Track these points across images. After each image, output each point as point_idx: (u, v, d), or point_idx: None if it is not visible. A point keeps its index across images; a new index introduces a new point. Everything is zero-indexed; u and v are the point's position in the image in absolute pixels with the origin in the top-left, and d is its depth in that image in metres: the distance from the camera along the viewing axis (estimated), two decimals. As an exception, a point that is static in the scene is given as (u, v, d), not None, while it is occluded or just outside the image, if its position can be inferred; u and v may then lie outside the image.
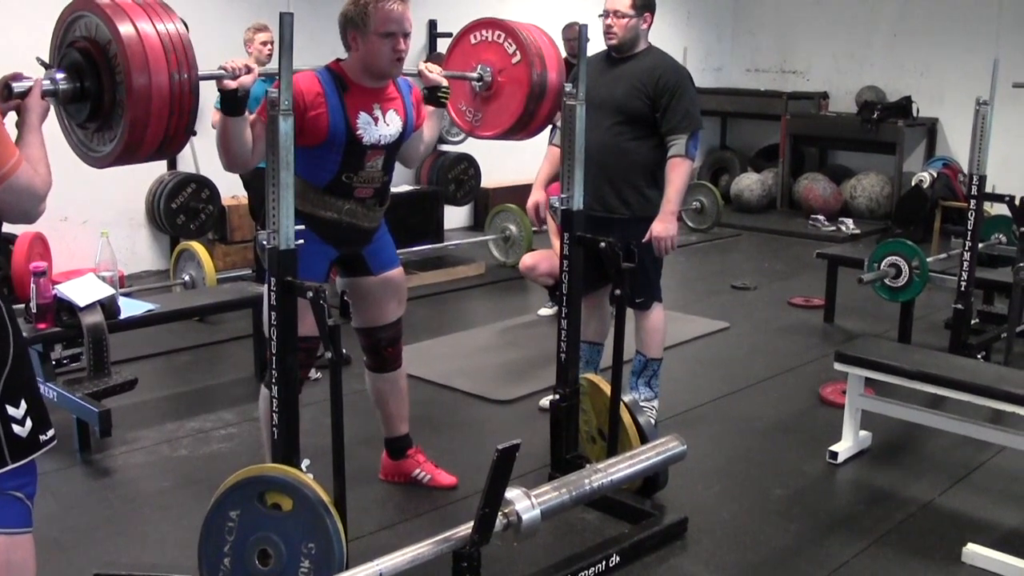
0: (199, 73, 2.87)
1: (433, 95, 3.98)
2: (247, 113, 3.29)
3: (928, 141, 11.52)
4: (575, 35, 4.17)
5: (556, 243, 6.26)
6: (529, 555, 3.73)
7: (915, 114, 11.28)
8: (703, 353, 6.48)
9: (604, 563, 3.61)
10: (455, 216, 10.29)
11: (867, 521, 4.13)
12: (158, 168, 7.83)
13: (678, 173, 4.61)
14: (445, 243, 9.04)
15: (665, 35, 11.82)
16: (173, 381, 5.80)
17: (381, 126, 3.73)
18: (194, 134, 7.36)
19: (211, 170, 7.78)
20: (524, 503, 3.23)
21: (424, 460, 4.33)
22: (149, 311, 5.28)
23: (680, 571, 3.74)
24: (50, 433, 2.80)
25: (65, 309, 4.78)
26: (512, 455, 2.96)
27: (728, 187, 11.98)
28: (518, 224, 8.68)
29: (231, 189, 7.93)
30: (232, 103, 3.19)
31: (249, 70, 3.15)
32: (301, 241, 3.10)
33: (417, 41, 9.65)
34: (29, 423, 2.71)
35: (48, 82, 2.76)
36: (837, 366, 4.65)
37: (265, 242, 3.08)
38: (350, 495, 3.14)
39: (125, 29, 2.72)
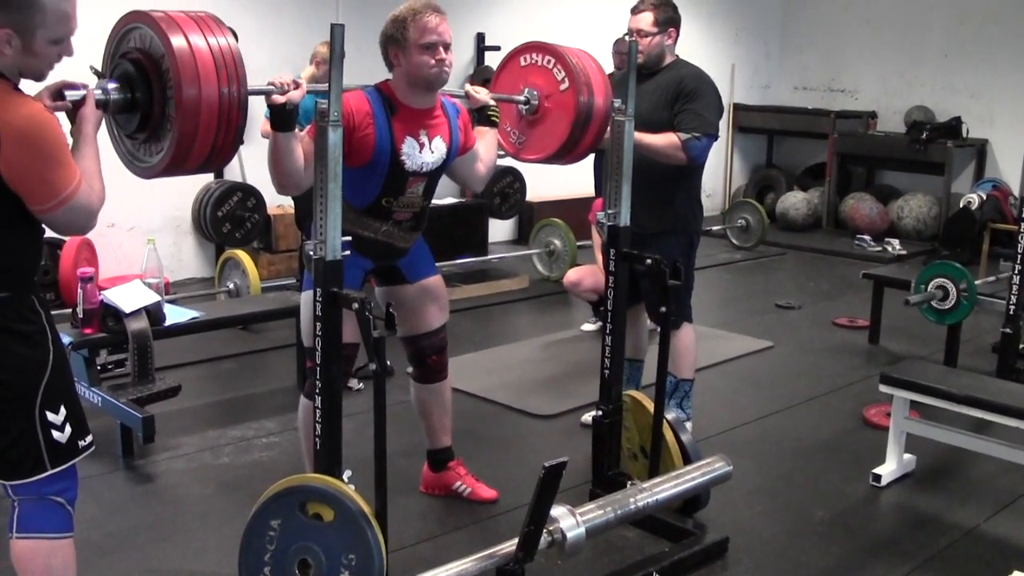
0: (248, 88, 2.89)
1: (483, 115, 4.00)
2: (297, 129, 3.30)
3: (977, 162, 11.41)
4: (627, 48, 4.16)
5: (601, 259, 6.25)
6: (569, 572, 3.71)
7: (965, 135, 11.17)
8: (746, 372, 6.44)
9: (644, 581, 3.60)
10: (499, 229, 10.30)
11: (910, 546, 4.08)
12: (205, 176, 7.89)
13: (665, 139, 4.49)
14: (489, 256, 9.03)
15: (713, 52, 11.83)
16: (216, 388, 5.83)
17: (426, 153, 3.74)
18: (241, 143, 7.43)
19: (257, 179, 7.86)
20: (569, 521, 3.22)
21: (465, 473, 4.32)
22: (194, 318, 5.31)
23: (720, 592, 3.73)
24: (88, 439, 2.84)
25: (111, 315, 4.82)
26: (559, 473, 2.95)
27: (774, 205, 11.92)
28: (563, 238, 8.67)
29: (277, 198, 7.98)
30: (281, 118, 3.20)
31: (297, 85, 3.15)
32: (347, 252, 3.11)
33: (465, 54, 9.69)
34: (68, 429, 2.75)
35: (100, 92, 2.79)
36: (883, 388, 4.61)
37: (312, 252, 3.09)
38: (390, 506, 3.13)
39: (177, 41, 2.75)
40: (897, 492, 4.59)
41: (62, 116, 2.70)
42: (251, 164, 8.10)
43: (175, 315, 5.23)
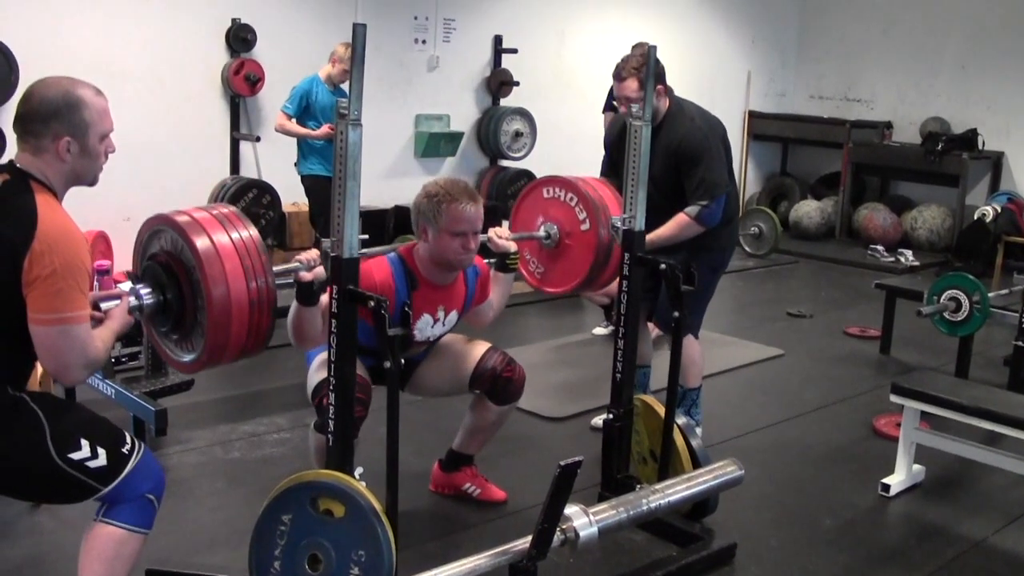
0: (274, 271, 3.01)
1: (502, 262, 4.01)
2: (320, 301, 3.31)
3: (993, 175, 11.37)
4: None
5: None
6: (578, 573, 3.73)
7: (980, 147, 11.13)
8: (757, 379, 6.44)
9: (651, 585, 3.61)
10: (512, 231, 10.25)
11: (917, 556, 4.09)
12: (220, 172, 7.90)
13: (675, 224, 4.60)
14: (502, 258, 9.00)
15: (729, 59, 11.85)
16: (228, 384, 5.84)
17: (438, 327, 3.85)
18: (257, 139, 7.40)
19: (272, 175, 7.87)
20: (582, 520, 3.24)
21: (475, 474, 4.34)
22: (208, 313, 5.32)
23: (727, 597, 3.74)
24: (128, 442, 2.88)
25: (126, 308, 4.84)
26: (574, 472, 2.97)
27: (787, 213, 11.92)
28: (575, 242, 8.65)
29: (292, 195, 7.99)
30: (308, 294, 3.26)
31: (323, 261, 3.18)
32: (365, 251, 3.13)
33: (482, 56, 9.67)
34: (102, 451, 2.78)
35: (134, 298, 2.89)
36: (893, 398, 4.61)
37: (329, 250, 3.10)
38: (400, 504, 3.15)
39: (202, 243, 2.84)
40: (906, 502, 4.59)
41: None
42: (266, 160, 8.10)
43: (189, 309, 5.25)
